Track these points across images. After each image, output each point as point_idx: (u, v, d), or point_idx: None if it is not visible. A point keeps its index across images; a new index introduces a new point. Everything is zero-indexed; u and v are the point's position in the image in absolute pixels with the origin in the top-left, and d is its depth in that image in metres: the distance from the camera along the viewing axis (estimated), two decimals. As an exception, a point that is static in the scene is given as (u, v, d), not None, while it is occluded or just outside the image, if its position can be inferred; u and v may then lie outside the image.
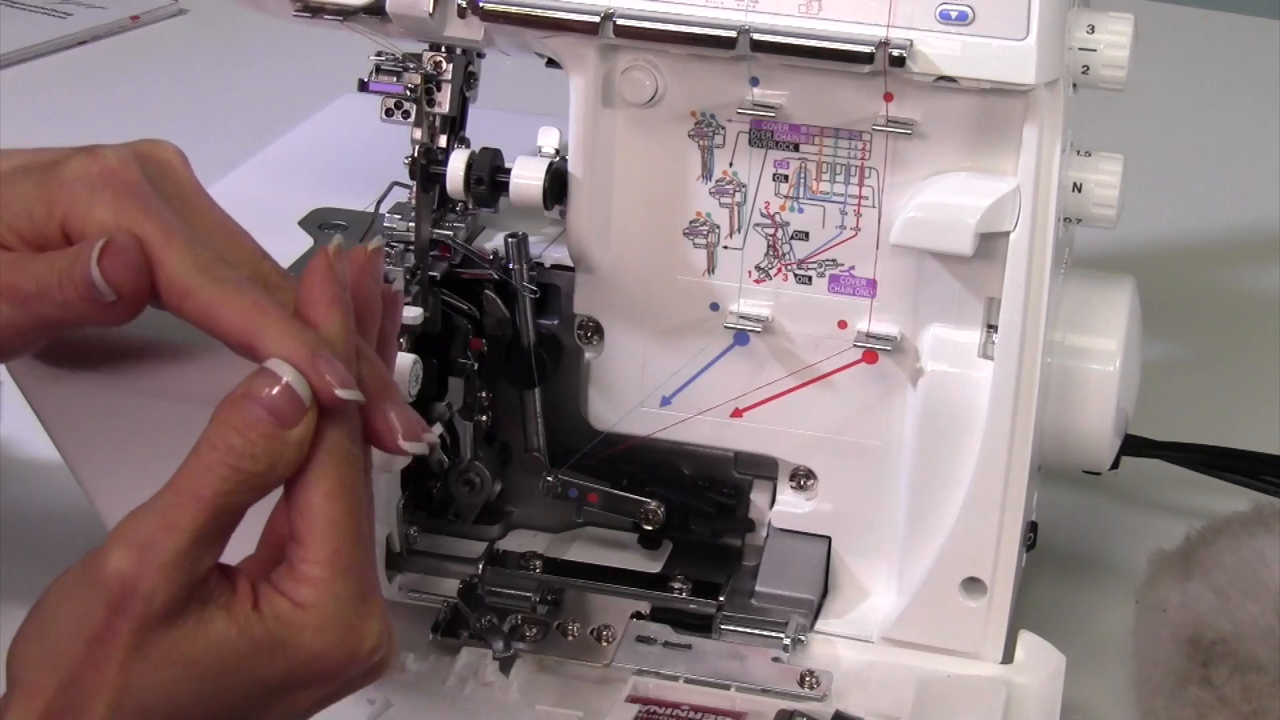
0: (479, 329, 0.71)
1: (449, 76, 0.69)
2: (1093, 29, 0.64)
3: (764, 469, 0.71)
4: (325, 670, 0.51)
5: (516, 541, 0.74)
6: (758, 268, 0.68)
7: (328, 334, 0.52)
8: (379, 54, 0.69)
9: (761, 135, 0.66)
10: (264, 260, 0.55)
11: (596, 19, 0.63)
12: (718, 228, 0.68)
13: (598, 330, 0.70)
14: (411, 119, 0.69)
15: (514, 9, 0.64)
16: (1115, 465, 0.72)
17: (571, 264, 0.69)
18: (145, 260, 0.52)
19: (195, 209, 0.55)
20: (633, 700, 0.65)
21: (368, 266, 0.54)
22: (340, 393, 0.50)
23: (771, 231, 0.67)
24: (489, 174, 0.69)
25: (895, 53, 0.61)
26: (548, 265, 0.70)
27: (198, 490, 0.49)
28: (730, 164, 0.67)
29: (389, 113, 0.69)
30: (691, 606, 0.69)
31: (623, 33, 0.63)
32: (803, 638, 0.68)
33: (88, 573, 0.50)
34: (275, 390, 0.50)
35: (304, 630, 0.50)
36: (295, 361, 0.50)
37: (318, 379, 0.50)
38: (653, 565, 0.72)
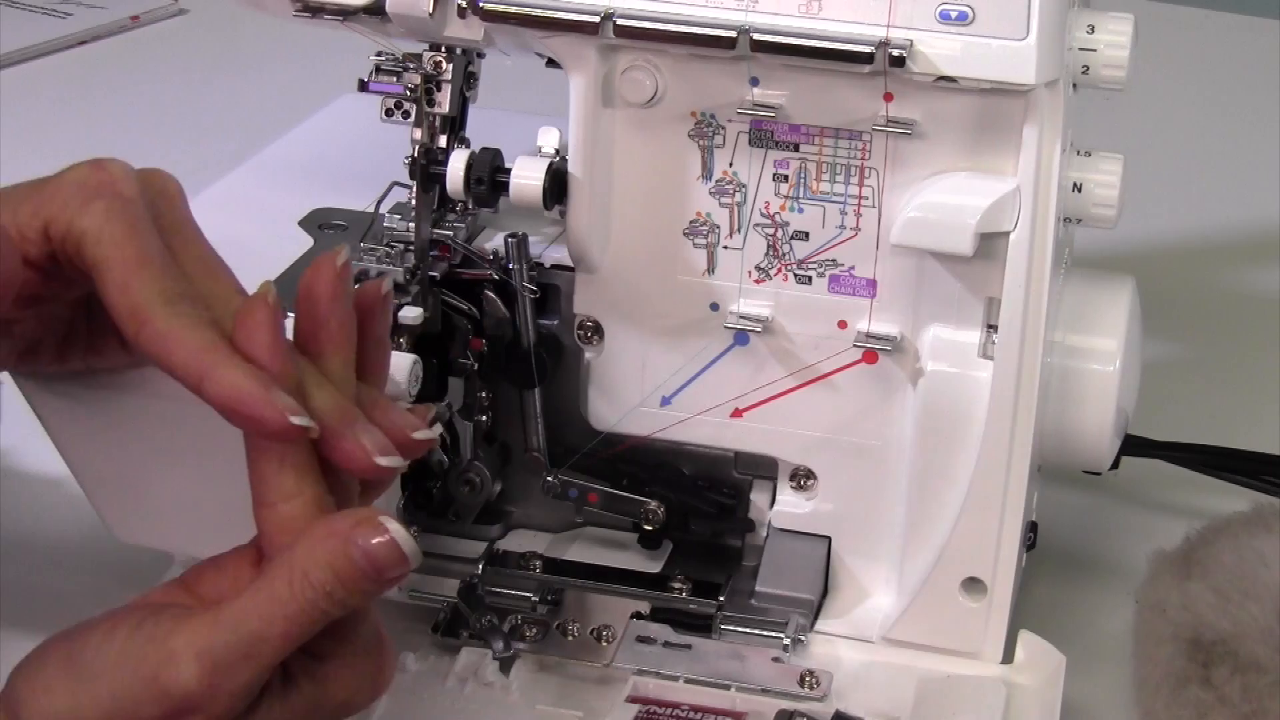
0: (479, 329, 0.71)
1: (449, 76, 0.69)
2: (1093, 29, 0.65)
3: (764, 469, 0.71)
4: (350, 711, 0.52)
5: (516, 541, 0.74)
6: (758, 268, 0.68)
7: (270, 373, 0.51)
8: (379, 54, 0.69)
9: (761, 135, 0.66)
10: (239, 298, 0.54)
11: (596, 19, 0.63)
12: (718, 228, 0.68)
13: (598, 330, 0.70)
14: (411, 119, 0.69)
15: (514, 9, 0.64)
16: (1115, 465, 0.72)
17: (571, 264, 0.69)
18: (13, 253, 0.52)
19: (184, 240, 0.55)
20: (633, 700, 0.65)
21: (338, 284, 0.54)
22: (295, 420, 0.50)
23: (771, 231, 0.67)
24: (489, 174, 0.69)
25: (895, 53, 0.61)
26: (548, 265, 0.70)
27: (287, 627, 0.49)
28: (730, 164, 0.67)
29: (389, 113, 0.69)
30: (691, 606, 0.69)
31: (623, 33, 0.63)
32: (803, 638, 0.68)
33: (145, 665, 0.49)
34: (381, 541, 0.50)
35: (329, 682, 0.51)
36: (243, 394, 0.50)
37: (272, 410, 0.50)
38: (653, 565, 0.72)
